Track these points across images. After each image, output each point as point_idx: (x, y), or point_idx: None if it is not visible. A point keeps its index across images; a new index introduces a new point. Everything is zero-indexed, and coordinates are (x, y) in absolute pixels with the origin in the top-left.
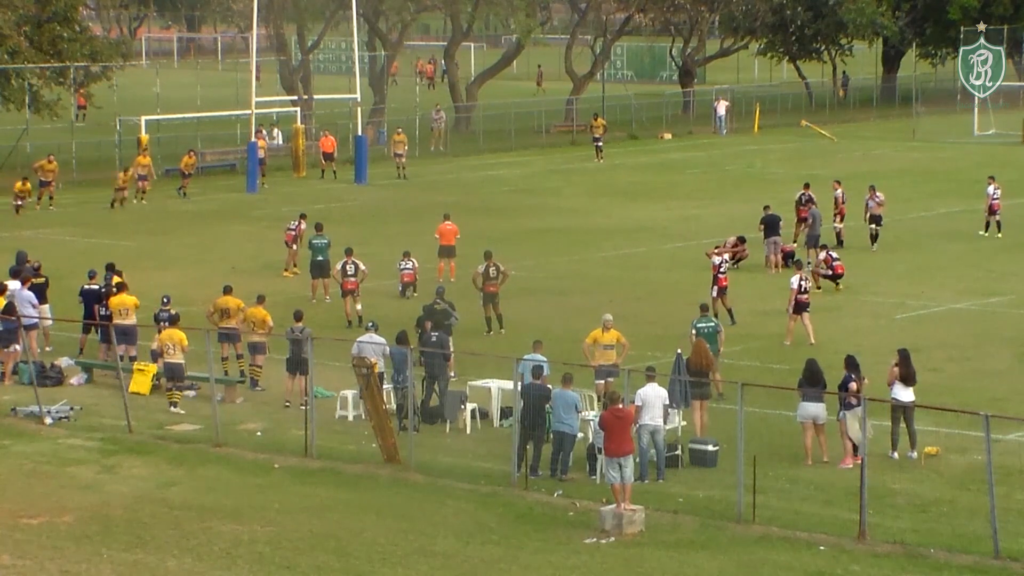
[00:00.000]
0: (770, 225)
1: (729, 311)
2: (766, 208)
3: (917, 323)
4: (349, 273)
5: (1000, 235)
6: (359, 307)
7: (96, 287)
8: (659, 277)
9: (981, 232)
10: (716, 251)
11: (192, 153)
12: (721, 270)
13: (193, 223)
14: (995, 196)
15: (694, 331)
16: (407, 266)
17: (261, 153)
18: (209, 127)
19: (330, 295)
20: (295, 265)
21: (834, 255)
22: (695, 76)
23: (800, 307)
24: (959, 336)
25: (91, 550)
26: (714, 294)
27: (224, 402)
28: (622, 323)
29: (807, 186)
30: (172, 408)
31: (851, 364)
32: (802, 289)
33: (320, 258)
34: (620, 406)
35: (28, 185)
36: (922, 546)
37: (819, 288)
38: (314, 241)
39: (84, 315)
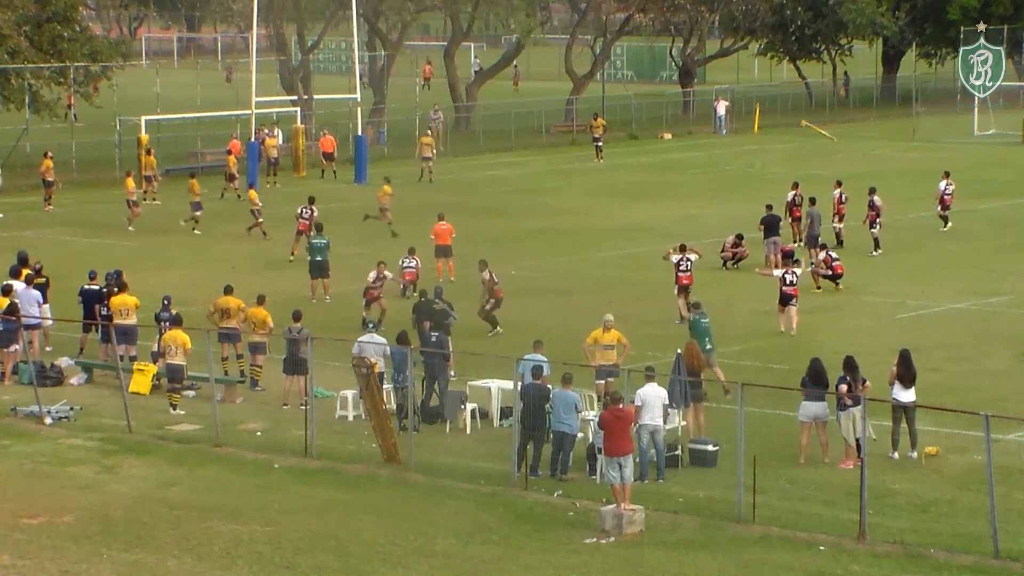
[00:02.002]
0: (770, 225)
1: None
2: (768, 207)
3: (917, 323)
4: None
5: (948, 228)
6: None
7: (96, 287)
8: (659, 277)
9: (942, 229)
10: (674, 250)
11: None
12: (681, 268)
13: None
14: (947, 191)
15: (690, 326)
16: (410, 264)
17: (275, 152)
18: (209, 127)
19: (330, 295)
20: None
21: (833, 255)
22: (695, 76)
23: (785, 299)
24: (959, 336)
25: (91, 550)
26: (676, 291)
27: (224, 402)
28: (622, 323)
29: (796, 185)
30: (172, 410)
31: (848, 366)
32: (787, 282)
33: (319, 258)
34: (620, 406)
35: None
36: (922, 546)
37: (819, 288)
38: (313, 241)
39: (84, 315)
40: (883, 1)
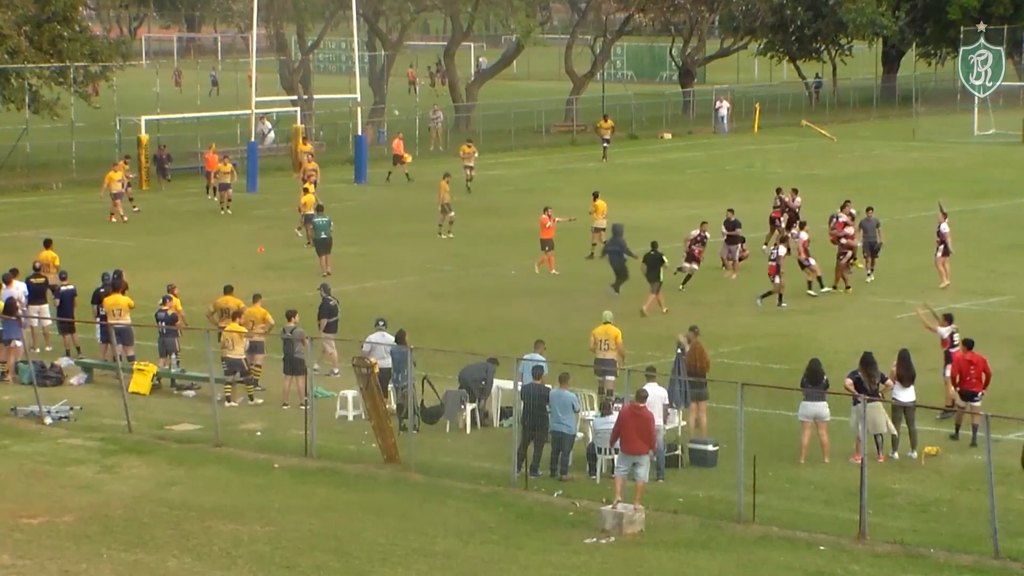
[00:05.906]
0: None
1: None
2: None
3: (917, 323)
4: None
5: None
6: None
7: (71, 287)
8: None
9: None
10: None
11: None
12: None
13: (193, 223)
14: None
15: None
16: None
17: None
18: (209, 127)
19: (331, 268)
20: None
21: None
22: (695, 76)
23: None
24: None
25: (91, 550)
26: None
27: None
28: (622, 323)
29: (779, 191)
30: (228, 403)
31: (863, 362)
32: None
33: (323, 236)
34: (641, 405)
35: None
36: (922, 546)
37: (848, 287)
38: (316, 220)
39: (60, 314)
40: (883, 1)
